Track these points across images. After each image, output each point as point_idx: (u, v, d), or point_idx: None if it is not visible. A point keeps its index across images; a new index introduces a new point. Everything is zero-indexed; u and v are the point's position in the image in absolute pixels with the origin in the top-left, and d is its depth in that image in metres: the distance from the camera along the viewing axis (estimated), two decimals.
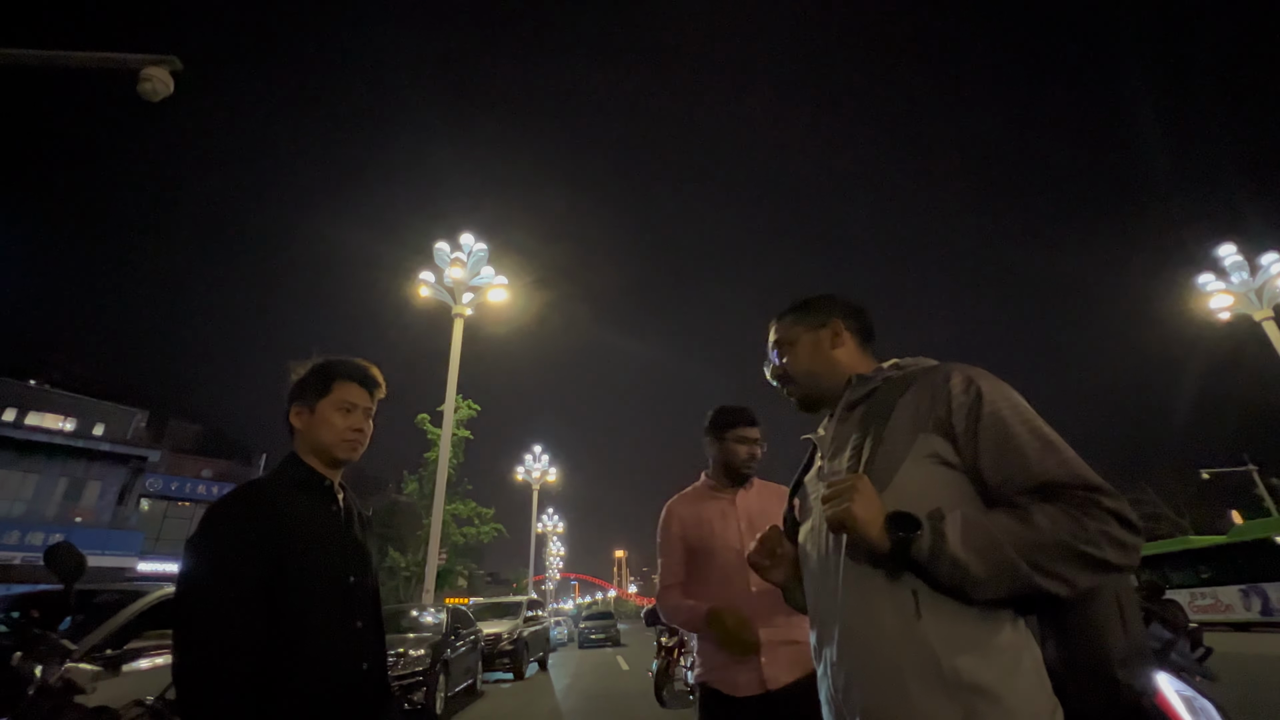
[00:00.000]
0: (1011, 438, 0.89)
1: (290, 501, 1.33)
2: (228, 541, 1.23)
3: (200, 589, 1.20)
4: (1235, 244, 13.83)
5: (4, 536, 18.77)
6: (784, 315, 1.23)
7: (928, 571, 0.86)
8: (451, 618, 8.77)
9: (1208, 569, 14.78)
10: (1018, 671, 0.83)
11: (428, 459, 18.89)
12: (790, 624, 1.81)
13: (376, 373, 1.53)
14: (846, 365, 1.14)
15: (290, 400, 1.47)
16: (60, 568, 1.67)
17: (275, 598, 1.22)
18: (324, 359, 1.50)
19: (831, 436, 1.10)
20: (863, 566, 0.93)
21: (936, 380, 0.98)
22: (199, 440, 32.85)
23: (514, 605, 13.98)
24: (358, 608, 1.37)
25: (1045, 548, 0.81)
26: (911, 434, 0.95)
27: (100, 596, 3.45)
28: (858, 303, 1.21)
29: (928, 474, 0.93)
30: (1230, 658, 8.13)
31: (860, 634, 0.92)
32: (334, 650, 1.28)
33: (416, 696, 6.76)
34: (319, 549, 1.33)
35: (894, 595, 0.89)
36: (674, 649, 7.78)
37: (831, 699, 0.97)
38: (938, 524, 0.86)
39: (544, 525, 43.54)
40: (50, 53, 6.15)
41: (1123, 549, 0.80)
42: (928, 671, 0.84)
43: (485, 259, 13.98)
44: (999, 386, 0.95)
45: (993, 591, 0.83)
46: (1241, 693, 5.31)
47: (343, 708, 1.26)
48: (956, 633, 0.85)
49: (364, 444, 1.48)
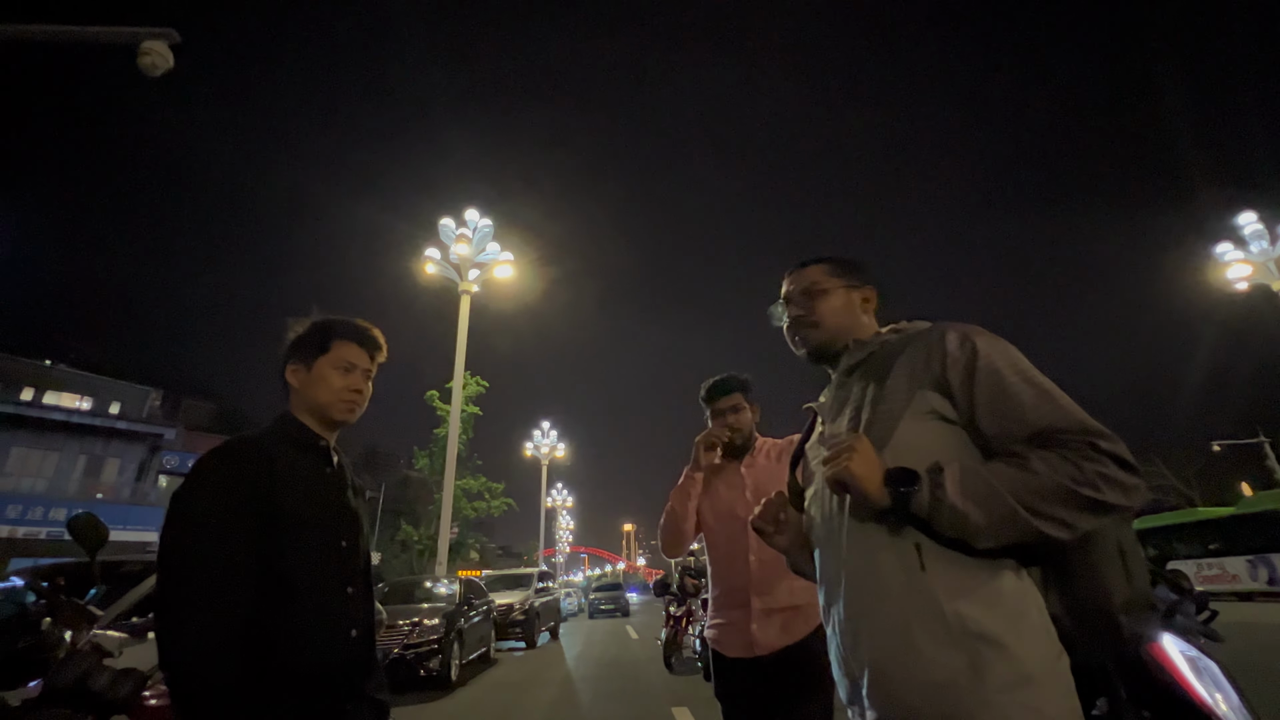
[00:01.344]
0: (1007, 388, 0.90)
1: (285, 459, 1.26)
2: (216, 496, 1.16)
3: (184, 546, 1.13)
4: (1255, 212, 13.51)
5: (29, 512, 19.30)
6: (818, 262, 1.19)
7: (929, 524, 0.87)
8: (465, 589, 8.98)
9: (1215, 540, 14.80)
10: (1022, 619, 0.84)
11: (437, 435, 19.10)
12: (789, 593, 1.86)
13: (378, 334, 1.46)
14: (865, 332, 1.14)
15: (286, 357, 1.39)
16: (82, 538, 1.71)
17: (265, 558, 1.17)
18: (324, 317, 1.43)
19: (831, 401, 1.12)
20: (866, 524, 0.94)
21: (932, 339, 0.99)
22: (213, 418, 33.36)
23: (525, 577, 14.25)
24: (350, 573, 1.32)
25: (1043, 492, 0.82)
26: (909, 392, 0.96)
27: (124, 567, 3.54)
28: (888, 286, 1.21)
29: (927, 430, 0.94)
30: (1235, 625, 8.20)
31: (866, 589, 0.93)
32: (324, 615, 1.23)
33: (432, 663, 6.96)
34: (313, 510, 1.27)
35: (898, 549, 0.90)
36: (682, 618, 7.94)
37: (840, 656, 0.98)
38: (936, 476, 0.87)
39: (553, 500, 44.14)
40: (50, 27, 6.10)
41: (1122, 489, 0.81)
42: (933, 622, 0.85)
43: (491, 235, 13.91)
44: (994, 341, 0.96)
45: (994, 539, 0.84)
46: (1246, 656, 5.37)
47: (330, 674, 1.21)
48: (961, 583, 0.86)
49: (362, 406, 1.41)
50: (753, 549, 1.90)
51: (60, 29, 6.09)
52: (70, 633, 1.87)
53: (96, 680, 1.58)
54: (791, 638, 1.81)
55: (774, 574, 1.85)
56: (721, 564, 2.00)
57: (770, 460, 2.05)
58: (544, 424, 30.71)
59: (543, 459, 30.39)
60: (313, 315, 1.44)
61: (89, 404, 26.03)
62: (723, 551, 2.00)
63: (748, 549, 1.91)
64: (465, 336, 13.46)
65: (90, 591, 3.10)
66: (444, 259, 13.47)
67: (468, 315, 13.46)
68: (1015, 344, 0.96)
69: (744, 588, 1.89)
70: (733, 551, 1.96)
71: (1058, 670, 0.83)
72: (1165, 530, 15.84)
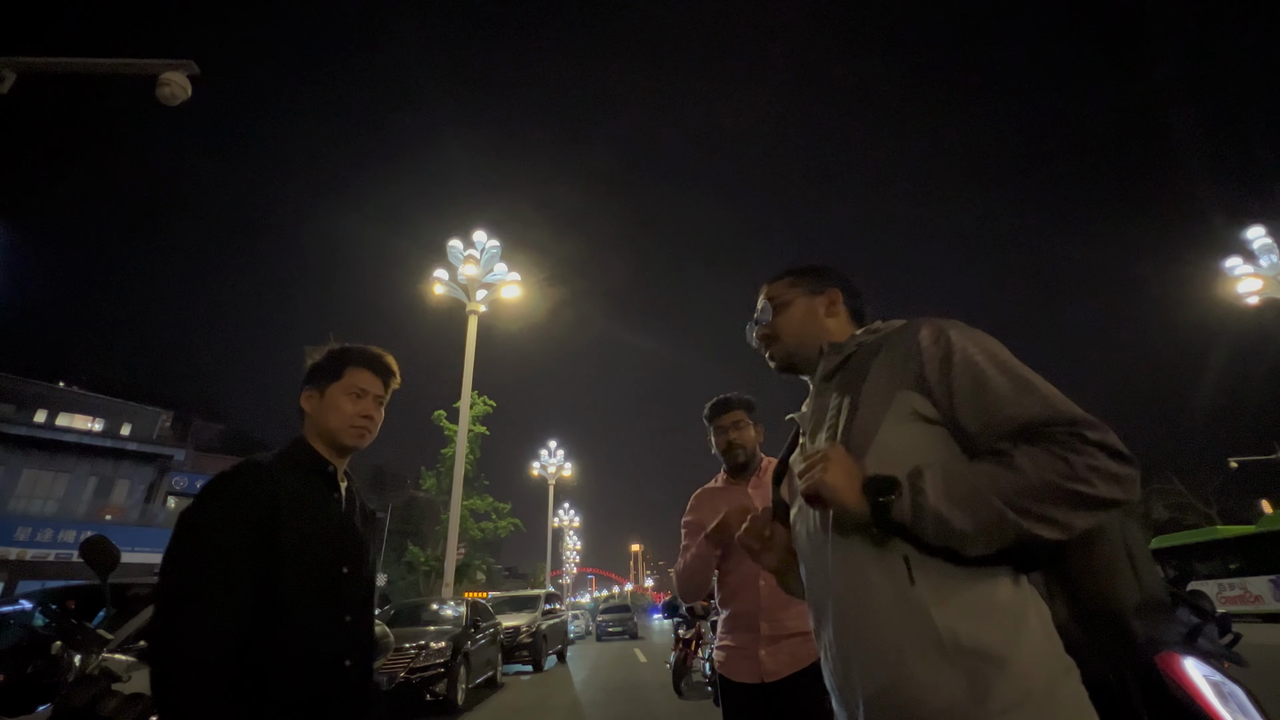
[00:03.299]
0: (985, 381, 0.85)
1: (289, 483, 1.28)
2: (220, 517, 1.19)
3: (184, 564, 1.15)
4: (1264, 226, 13.46)
5: (38, 534, 19.35)
6: (780, 276, 1.19)
7: (913, 533, 0.81)
8: (471, 611, 8.89)
9: (1237, 560, 14.47)
10: (1023, 631, 0.77)
11: (444, 455, 19.10)
12: (799, 618, 1.83)
13: (391, 361, 1.49)
14: (836, 336, 1.10)
15: (303, 384, 1.43)
16: (95, 561, 1.72)
17: (264, 581, 1.18)
18: (340, 345, 1.47)
19: (811, 411, 1.07)
20: (850, 538, 0.88)
21: (908, 336, 0.94)
22: (222, 439, 33.53)
23: (532, 599, 14.09)
24: (348, 600, 1.31)
25: (1031, 491, 0.76)
26: (888, 394, 0.91)
27: (132, 590, 3.54)
28: (856, 284, 1.18)
29: (909, 432, 0.88)
30: (1260, 648, 7.97)
31: (854, 609, 0.87)
32: (316, 640, 1.22)
33: (438, 688, 6.87)
34: (312, 534, 1.27)
35: (885, 563, 0.84)
36: (691, 641, 7.81)
37: (833, 683, 0.93)
38: (916, 481, 0.81)
39: (560, 520, 43.85)
40: (74, 60, 6.29)
41: (1116, 481, 0.74)
42: (926, 641, 0.79)
43: (498, 255, 14.07)
44: (970, 333, 0.91)
45: (984, 545, 0.78)
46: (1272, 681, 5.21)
47: (317, 702, 1.19)
48: (954, 595, 0.79)
49: (373, 432, 1.43)
50: (762, 574, 1.87)
51: (83, 61, 6.29)
52: (80, 656, 1.87)
53: (105, 706, 1.57)
54: (800, 664, 1.79)
55: (784, 599, 1.83)
56: (730, 588, 1.98)
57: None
58: (551, 443, 30.67)
59: (550, 478, 30.26)
60: (330, 343, 1.47)
61: (100, 425, 26.25)
62: (732, 576, 1.98)
63: (758, 574, 1.88)
64: (473, 357, 13.53)
65: (99, 614, 3.10)
66: (452, 279, 13.62)
67: (475, 335, 13.55)
68: (1023, 358, 0.91)
69: (753, 613, 1.87)
70: (742, 576, 1.94)
71: (1066, 685, 0.76)
72: (1185, 549, 15.52)
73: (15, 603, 3.50)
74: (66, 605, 2.95)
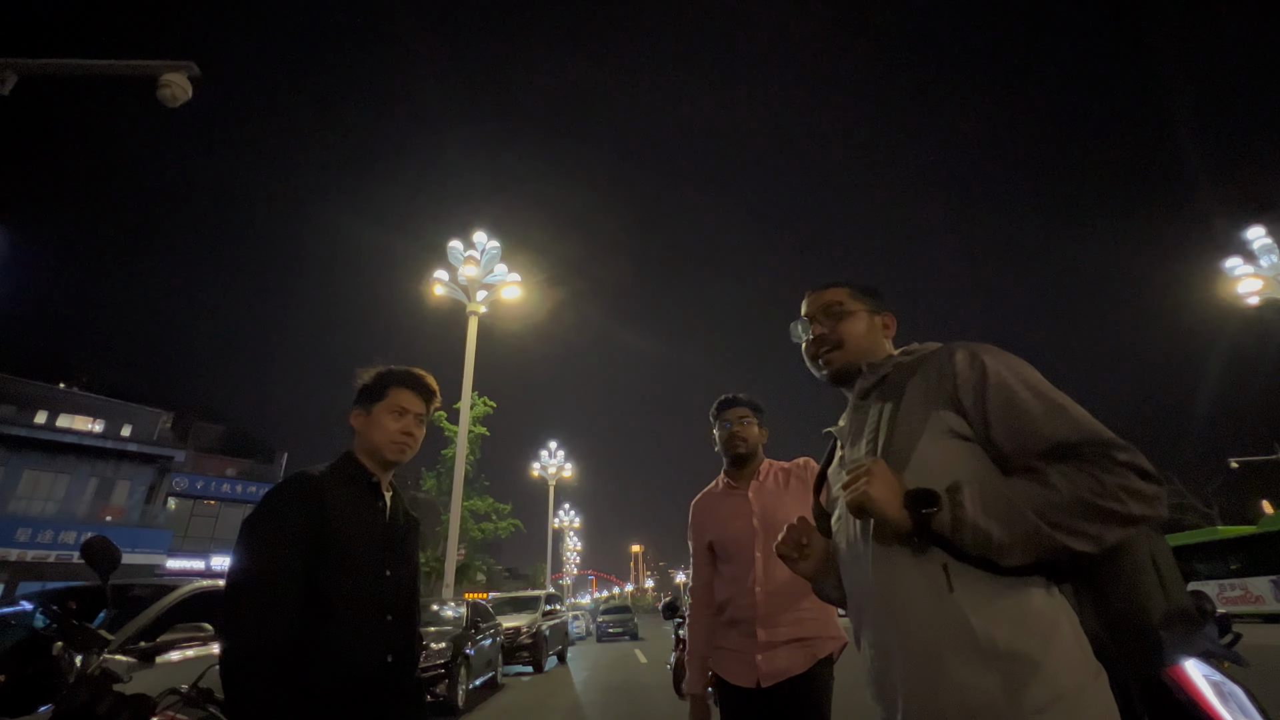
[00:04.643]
0: (1018, 404, 0.91)
1: (339, 493, 1.41)
2: (279, 526, 1.31)
3: (249, 564, 1.28)
4: (1264, 226, 13.45)
5: (38, 535, 19.35)
6: (844, 284, 1.20)
7: (952, 544, 0.87)
8: (472, 612, 8.89)
9: (1237, 560, 14.46)
10: (1055, 637, 0.83)
11: (445, 456, 19.11)
12: (795, 624, 1.85)
13: (431, 381, 1.63)
14: (883, 356, 1.14)
15: (353, 404, 1.58)
16: (97, 561, 1.72)
17: (312, 581, 1.29)
18: (386, 367, 1.60)
19: (849, 425, 1.13)
20: (890, 547, 0.94)
21: (942, 358, 1.00)
22: (222, 440, 33.53)
23: (532, 600, 14.07)
24: (390, 601, 1.42)
25: (1065, 507, 0.81)
26: (925, 412, 0.97)
27: (133, 591, 3.54)
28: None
29: (945, 449, 0.94)
30: (1260, 648, 7.97)
31: (894, 613, 0.93)
32: (359, 639, 1.32)
33: (439, 689, 6.87)
34: (358, 540, 1.39)
35: (924, 571, 0.89)
36: None
37: (875, 680, 0.98)
38: (956, 495, 0.86)
39: (561, 521, 43.82)
40: (75, 61, 6.29)
41: (1144, 500, 0.80)
42: (964, 644, 0.84)
43: (499, 256, 14.07)
44: (1003, 357, 0.96)
45: (1019, 556, 0.83)
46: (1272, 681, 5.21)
47: (361, 697, 1.30)
48: (990, 602, 0.85)
49: (413, 448, 1.57)
50: (759, 580, 1.89)
51: (84, 63, 6.29)
52: (80, 657, 1.87)
53: (105, 706, 1.57)
54: (796, 669, 1.80)
55: (780, 605, 1.85)
56: (728, 593, 1.99)
57: (778, 485, 2.04)
58: (551, 444, 30.66)
59: (550, 479, 30.25)
60: (377, 364, 1.62)
61: (101, 426, 26.26)
62: (729, 580, 1.99)
63: (755, 580, 1.89)
64: (473, 357, 13.53)
65: (100, 615, 3.10)
66: (452, 280, 13.62)
67: (475, 336, 13.55)
68: (1029, 359, 0.96)
69: (749, 619, 1.88)
70: (739, 581, 1.94)
71: (1096, 688, 0.82)
72: (1185, 550, 15.50)
73: (16, 603, 3.51)
74: (67, 606, 2.96)
